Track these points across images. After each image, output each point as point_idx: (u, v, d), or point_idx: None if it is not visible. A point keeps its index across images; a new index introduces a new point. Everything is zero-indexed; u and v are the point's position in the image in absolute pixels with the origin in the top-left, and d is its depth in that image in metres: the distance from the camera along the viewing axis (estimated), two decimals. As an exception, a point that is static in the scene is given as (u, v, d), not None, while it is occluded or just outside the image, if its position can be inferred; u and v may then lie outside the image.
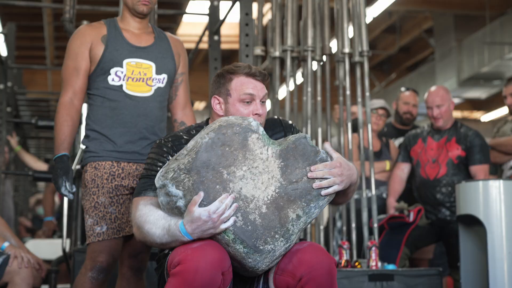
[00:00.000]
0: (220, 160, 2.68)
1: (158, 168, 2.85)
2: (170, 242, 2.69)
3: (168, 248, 2.78)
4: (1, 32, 9.23)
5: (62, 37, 13.35)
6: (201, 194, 2.60)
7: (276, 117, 3.10)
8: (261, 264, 2.66)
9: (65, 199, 5.68)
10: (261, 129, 2.80)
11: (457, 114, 17.00)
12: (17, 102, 9.84)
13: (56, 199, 8.94)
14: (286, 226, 2.69)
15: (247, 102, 2.91)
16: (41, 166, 8.49)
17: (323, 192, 2.76)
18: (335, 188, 2.78)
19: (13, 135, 8.67)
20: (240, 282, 2.82)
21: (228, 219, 2.60)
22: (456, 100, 13.09)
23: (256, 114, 2.91)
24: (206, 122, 3.03)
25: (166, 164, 2.75)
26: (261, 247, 2.64)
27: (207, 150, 2.68)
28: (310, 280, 2.63)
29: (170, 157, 2.86)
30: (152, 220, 2.73)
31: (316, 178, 2.76)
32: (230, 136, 2.72)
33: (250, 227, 2.64)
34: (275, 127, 3.03)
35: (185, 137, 2.93)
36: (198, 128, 2.97)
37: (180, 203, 2.66)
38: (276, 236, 2.67)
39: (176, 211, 2.68)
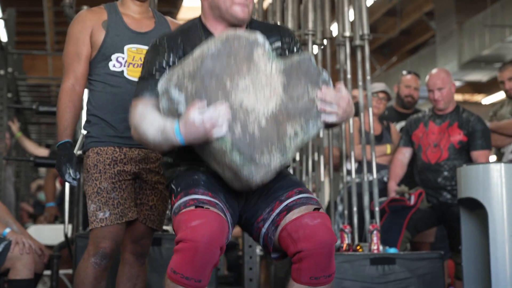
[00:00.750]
0: (225, 70, 2.67)
1: (156, 67, 2.85)
2: (162, 143, 2.69)
3: (160, 150, 2.83)
4: (1, 18, 9.21)
5: (62, 23, 13.32)
6: (204, 102, 2.59)
7: (274, 22, 3.08)
8: (256, 176, 2.65)
9: (67, 185, 5.69)
10: (268, 44, 2.78)
11: (458, 97, 16.98)
12: (18, 88, 9.85)
13: (57, 184, 8.95)
14: (283, 141, 2.70)
15: None
16: (42, 152, 8.50)
17: (322, 116, 2.76)
18: (333, 118, 2.77)
19: (14, 121, 8.68)
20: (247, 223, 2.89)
21: (222, 127, 2.58)
22: (457, 83, 13.06)
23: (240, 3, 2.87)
24: (199, 20, 3.00)
25: (170, 70, 2.74)
26: (257, 159, 2.63)
27: (213, 59, 2.66)
28: (310, 256, 2.66)
29: (167, 56, 2.86)
30: (150, 119, 2.73)
31: (322, 101, 2.76)
32: (236, 48, 2.71)
33: (248, 138, 2.63)
34: (272, 34, 2.98)
35: (180, 37, 2.91)
36: (192, 26, 2.97)
37: (181, 108, 2.65)
38: (273, 150, 2.67)
39: (177, 118, 2.68)
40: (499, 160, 6.05)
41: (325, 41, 5.63)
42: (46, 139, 14.46)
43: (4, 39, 8.90)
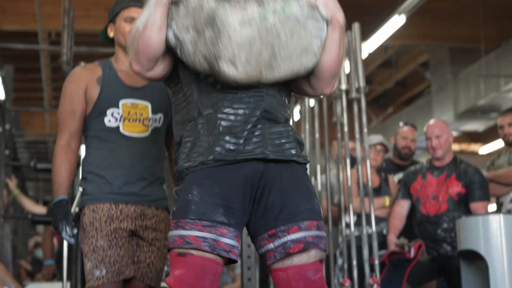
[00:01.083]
0: None
1: None
2: (147, 17, 2.65)
3: (149, 38, 2.67)
4: (-1, 75, 9.23)
5: (60, 79, 13.36)
6: None
7: None
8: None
9: (64, 242, 5.65)
10: None
11: (455, 147, 17.01)
12: (15, 145, 9.85)
13: (55, 241, 8.89)
14: None
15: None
16: (40, 209, 8.46)
17: None
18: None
19: (12, 177, 8.65)
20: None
21: None
22: (454, 133, 13.07)
23: None
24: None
25: None
26: None
27: None
28: None
29: None
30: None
31: None
32: None
33: None
34: None
35: None
36: None
37: None
38: None
39: None
40: (498, 209, 6.03)
41: (321, 95, 5.64)
42: (44, 196, 14.43)
43: (2, 96, 8.91)
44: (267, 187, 2.66)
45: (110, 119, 3.49)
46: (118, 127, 3.49)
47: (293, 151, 2.73)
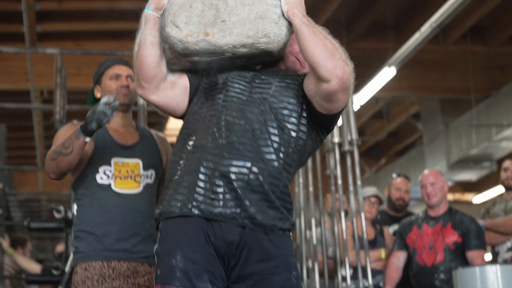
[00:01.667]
0: None
1: None
2: (139, 36, 2.72)
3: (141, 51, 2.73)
4: (-9, 134, 9.23)
5: (52, 137, 13.37)
6: None
7: None
8: None
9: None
10: None
11: (449, 196, 16.96)
12: (8, 203, 9.80)
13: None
14: None
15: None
16: (35, 267, 8.39)
17: None
18: None
19: (5, 237, 8.60)
20: None
21: None
22: (448, 183, 13.13)
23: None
24: None
25: None
26: None
27: None
28: None
29: None
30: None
31: None
32: None
33: None
34: None
35: None
36: None
37: None
38: None
39: None
40: (494, 259, 6.02)
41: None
42: (37, 254, 14.28)
43: (-6, 155, 8.90)
44: (246, 255, 2.61)
45: (102, 176, 3.50)
46: (110, 185, 3.50)
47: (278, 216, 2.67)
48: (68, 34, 10.60)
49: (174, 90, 2.78)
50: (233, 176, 2.59)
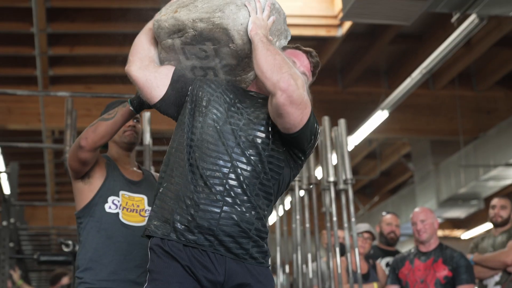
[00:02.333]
0: None
1: None
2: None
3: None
4: (5, 172, 9.24)
5: (62, 174, 13.39)
6: None
7: None
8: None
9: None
10: None
11: (439, 233, 16.94)
12: (19, 237, 9.76)
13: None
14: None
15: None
16: (42, 300, 8.37)
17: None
18: (250, 8, 2.69)
19: (16, 269, 8.58)
20: None
21: None
22: (437, 220, 13.13)
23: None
24: None
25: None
26: None
27: None
28: None
29: None
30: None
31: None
32: None
33: None
34: None
35: None
36: None
37: None
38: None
39: None
40: (482, 293, 6.00)
41: (311, 186, 5.66)
42: (46, 285, 14.21)
43: (7, 191, 8.90)
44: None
45: (110, 206, 3.47)
46: (117, 214, 3.47)
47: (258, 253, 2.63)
48: (79, 77, 10.66)
49: (156, 74, 2.79)
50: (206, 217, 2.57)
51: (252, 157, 2.62)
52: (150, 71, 2.80)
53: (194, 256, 2.55)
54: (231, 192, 2.58)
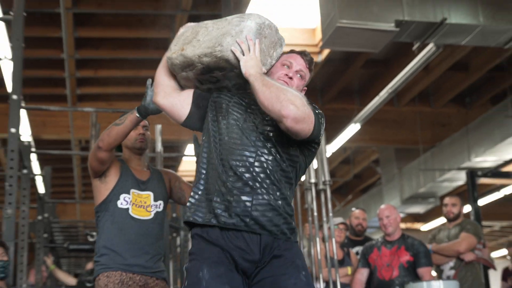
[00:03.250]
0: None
1: None
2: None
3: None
4: (40, 174, 9.22)
5: (88, 176, 13.33)
6: None
7: None
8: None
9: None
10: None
11: (402, 225, 16.93)
12: (52, 229, 9.72)
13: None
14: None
15: None
16: (72, 281, 8.34)
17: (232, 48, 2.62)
18: (238, 54, 2.62)
19: (49, 256, 8.54)
20: None
21: None
22: (401, 215, 13.12)
23: None
24: None
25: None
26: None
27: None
28: None
29: None
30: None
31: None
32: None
33: None
34: None
35: None
36: None
37: None
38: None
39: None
40: (439, 275, 6.00)
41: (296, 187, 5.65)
42: (75, 270, 14.16)
43: (42, 191, 8.87)
44: (262, 264, 2.53)
45: (122, 202, 3.47)
46: (127, 209, 3.46)
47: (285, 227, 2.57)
48: (102, 96, 10.64)
49: (179, 97, 2.77)
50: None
51: (272, 149, 2.58)
52: (173, 97, 2.78)
53: (230, 241, 2.51)
54: (258, 178, 2.54)
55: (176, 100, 2.77)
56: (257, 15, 2.74)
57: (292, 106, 2.45)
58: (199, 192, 2.62)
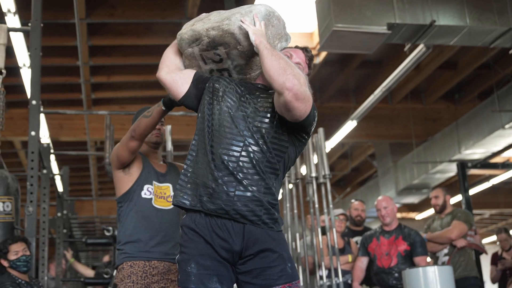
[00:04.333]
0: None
1: None
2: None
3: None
4: (58, 174, 9.22)
5: (103, 175, 13.38)
6: None
7: None
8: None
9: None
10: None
11: (397, 215, 16.94)
12: (71, 225, 9.74)
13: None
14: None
15: None
16: (90, 273, 8.34)
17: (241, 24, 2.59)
18: (246, 24, 2.58)
19: (68, 250, 8.56)
20: None
21: None
22: (396, 205, 13.12)
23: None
24: None
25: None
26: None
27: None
28: None
29: None
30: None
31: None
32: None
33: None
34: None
35: None
36: None
37: None
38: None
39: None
40: (435, 262, 5.99)
41: (297, 180, 5.65)
42: (92, 262, 14.18)
43: (60, 189, 8.88)
44: (250, 255, 2.47)
45: (145, 192, 3.44)
46: (151, 199, 3.42)
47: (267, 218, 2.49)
48: (115, 100, 10.66)
49: (181, 74, 2.74)
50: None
51: (259, 139, 2.52)
52: (175, 74, 2.75)
53: (214, 230, 2.47)
54: (243, 169, 2.48)
55: (177, 77, 2.74)
56: (269, 5, 2.72)
57: (296, 81, 2.37)
58: (188, 174, 2.58)
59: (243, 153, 2.50)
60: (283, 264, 2.46)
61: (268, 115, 2.55)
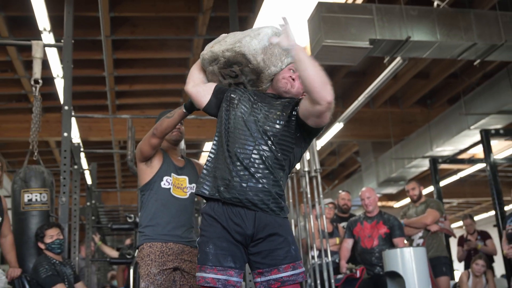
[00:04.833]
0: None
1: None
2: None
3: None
4: (87, 169, 9.23)
5: (126, 170, 13.36)
6: None
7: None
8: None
9: (130, 274, 5.50)
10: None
11: (378, 204, 16.92)
12: (98, 213, 9.75)
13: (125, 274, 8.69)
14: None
15: None
16: (115, 254, 8.33)
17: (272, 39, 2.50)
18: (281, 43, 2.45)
19: (96, 234, 8.56)
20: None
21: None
22: (378, 195, 13.08)
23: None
24: None
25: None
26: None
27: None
28: None
29: None
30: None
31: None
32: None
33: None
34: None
35: None
36: None
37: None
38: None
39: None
40: (410, 244, 5.98)
41: (292, 174, 5.63)
42: (117, 245, 14.19)
43: (89, 182, 8.88)
44: (260, 239, 2.47)
45: (164, 183, 3.41)
46: (169, 189, 3.40)
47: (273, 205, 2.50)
48: (136, 105, 10.64)
49: (204, 87, 2.78)
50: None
51: (268, 140, 2.54)
52: (199, 87, 2.79)
53: (230, 217, 2.48)
54: (255, 164, 2.50)
55: (200, 89, 2.78)
56: (275, 27, 2.72)
57: (333, 95, 2.34)
58: (209, 169, 2.60)
59: (254, 151, 2.52)
60: (288, 246, 2.47)
61: (277, 121, 2.57)
